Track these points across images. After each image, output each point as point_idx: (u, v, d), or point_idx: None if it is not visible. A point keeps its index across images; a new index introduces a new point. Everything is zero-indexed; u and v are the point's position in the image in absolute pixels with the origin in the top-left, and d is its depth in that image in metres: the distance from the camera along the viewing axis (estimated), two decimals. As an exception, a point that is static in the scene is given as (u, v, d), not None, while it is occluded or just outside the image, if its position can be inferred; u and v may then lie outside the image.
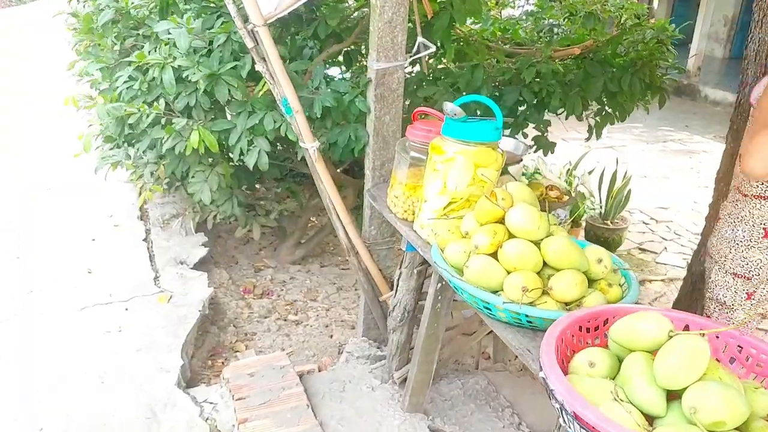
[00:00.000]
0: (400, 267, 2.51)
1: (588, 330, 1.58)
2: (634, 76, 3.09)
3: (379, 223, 2.82)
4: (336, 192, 2.76)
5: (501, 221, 1.78)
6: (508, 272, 1.71)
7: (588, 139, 3.55)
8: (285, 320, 3.41)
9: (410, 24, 2.71)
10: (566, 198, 2.64)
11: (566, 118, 3.37)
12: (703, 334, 1.40)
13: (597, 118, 3.41)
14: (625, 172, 4.54)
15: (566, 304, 1.70)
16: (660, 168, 6.19)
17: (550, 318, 1.64)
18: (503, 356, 2.94)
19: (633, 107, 3.32)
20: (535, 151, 3.46)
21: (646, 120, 6.69)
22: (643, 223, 4.92)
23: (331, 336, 3.28)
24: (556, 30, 3.83)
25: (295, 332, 3.31)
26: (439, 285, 2.24)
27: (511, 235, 1.75)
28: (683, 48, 8.16)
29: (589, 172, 4.81)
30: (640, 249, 4.53)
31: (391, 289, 2.80)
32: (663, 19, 3.55)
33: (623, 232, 4.37)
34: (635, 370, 1.35)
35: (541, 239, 1.73)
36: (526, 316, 1.65)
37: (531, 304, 1.67)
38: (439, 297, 2.26)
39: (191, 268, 3.59)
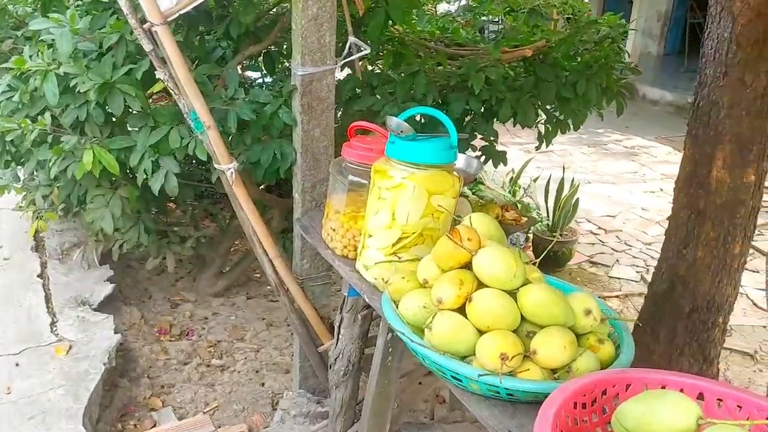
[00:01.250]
0: (341, 311, 2.12)
1: (584, 405, 1.24)
2: (590, 80, 2.80)
3: (313, 255, 2.42)
4: (260, 221, 2.34)
5: (467, 266, 1.42)
6: (480, 332, 1.35)
7: (538, 148, 3.25)
8: (208, 366, 2.95)
9: (340, 14, 2.33)
10: (524, 220, 2.32)
11: (514, 126, 3.06)
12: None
13: (548, 126, 3.11)
14: (572, 180, 4.29)
15: (553, 370, 1.35)
16: (603, 173, 6.02)
17: (536, 391, 1.29)
18: (461, 403, 2.58)
19: (587, 114, 3.03)
20: (484, 163, 3.14)
21: (585, 121, 6.54)
22: (592, 233, 4.69)
23: (263, 384, 2.84)
24: (497, 28, 3.54)
25: (220, 381, 2.85)
26: (390, 336, 1.86)
27: (480, 284, 1.39)
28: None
29: (534, 180, 4.55)
30: (591, 262, 4.28)
31: (331, 334, 2.41)
32: (611, 15, 3.26)
33: (573, 244, 4.10)
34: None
35: (517, 288, 1.38)
36: (506, 388, 1.29)
37: (511, 373, 1.31)
38: (390, 349, 1.88)
39: (95, 310, 3.09)
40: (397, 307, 1.47)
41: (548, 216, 4.21)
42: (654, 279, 2.88)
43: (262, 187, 3.06)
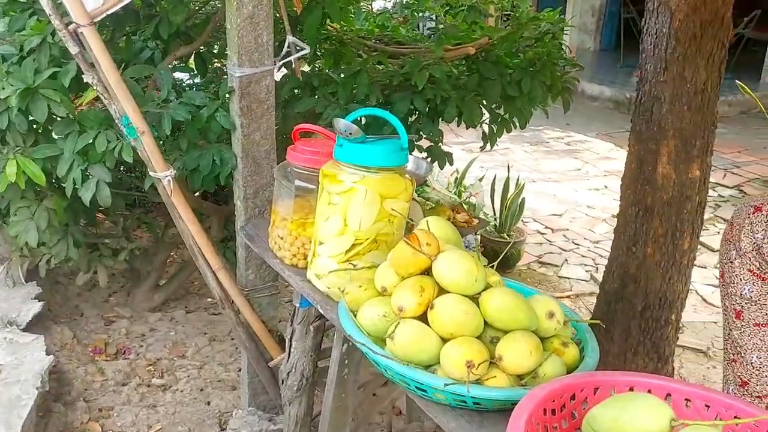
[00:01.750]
0: (292, 323, 2.02)
1: (554, 411, 1.20)
2: (535, 78, 2.79)
3: (258, 265, 2.31)
4: (201, 231, 2.22)
5: (426, 271, 1.35)
6: (443, 339, 1.29)
7: (483, 148, 3.23)
8: (148, 386, 2.79)
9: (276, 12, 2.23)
10: (476, 222, 2.28)
11: (458, 126, 3.02)
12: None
13: (492, 126, 3.08)
14: (518, 179, 4.29)
15: (519, 376, 1.31)
16: (547, 171, 6.06)
17: (504, 399, 1.24)
18: (419, 412, 2.52)
19: (531, 112, 3.02)
20: (432, 162, 3.09)
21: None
22: (539, 233, 4.70)
23: (209, 402, 2.70)
24: (433, 25, 3.50)
25: (162, 401, 2.70)
26: (345, 347, 1.77)
27: (441, 290, 1.33)
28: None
29: (479, 180, 4.54)
30: (539, 263, 4.28)
31: (281, 348, 2.31)
32: (551, 11, 3.26)
33: (521, 245, 4.10)
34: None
35: (479, 293, 1.32)
36: (473, 397, 1.23)
37: (477, 381, 1.26)
38: (346, 361, 1.79)
39: (23, 330, 2.87)
40: (355, 317, 1.40)
41: (495, 216, 4.21)
42: (605, 278, 2.88)
43: (197, 194, 2.93)
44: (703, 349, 3.48)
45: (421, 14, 3.35)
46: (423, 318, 1.31)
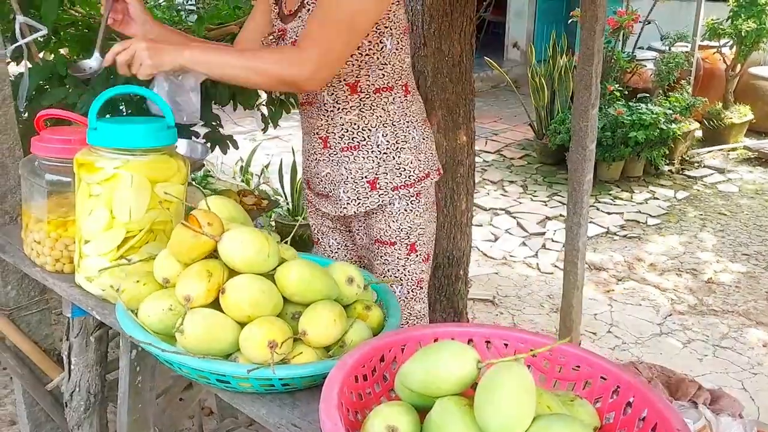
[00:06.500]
0: (68, 337, 1.77)
1: (365, 377, 1.16)
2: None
3: (19, 279, 2.00)
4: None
5: (213, 255, 1.24)
6: (241, 324, 1.19)
7: (265, 130, 3.12)
8: None
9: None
10: (265, 203, 2.19)
11: (235, 109, 2.88)
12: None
13: (271, 107, 2.98)
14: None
15: (326, 348, 1.25)
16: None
17: (314, 374, 1.17)
18: (231, 410, 2.38)
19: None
20: (211, 150, 2.91)
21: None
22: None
23: (-19, 447, 2.33)
24: (194, 8, 3.30)
25: None
26: (134, 352, 1.59)
27: (231, 272, 1.22)
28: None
29: (266, 167, 4.42)
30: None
31: (61, 367, 2.03)
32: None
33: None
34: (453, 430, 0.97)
35: (273, 269, 1.24)
36: (281, 379, 1.15)
37: (283, 361, 1.18)
38: (138, 368, 1.61)
39: None
40: (137, 316, 1.24)
41: (287, 200, 4.13)
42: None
43: None
44: (490, 299, 3.77)
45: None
46: (216, 305, 1.19)
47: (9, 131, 1.91)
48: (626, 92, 5.56)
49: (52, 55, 2.56)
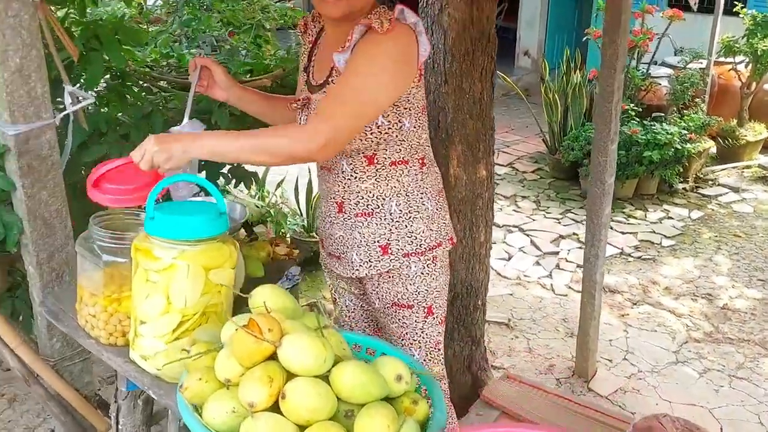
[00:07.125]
0: (116, 399, 1.85)
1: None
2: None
3: (65, 333, 2.08)
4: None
5: (272, 357, 1.30)
6: (300, 426, 1.25)
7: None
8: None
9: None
10: (296, 252, 2.26)
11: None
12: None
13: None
14: (320, 179, 4.30)
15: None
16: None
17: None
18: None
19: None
20: (236, 186, 2.98)
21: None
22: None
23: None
24: (217, 44, 3.34)
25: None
26: (182, 422, 1.66)
27: (289, 374, 1.29)
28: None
29: (279, 184, 4.49)
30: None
31: (101, 412, 2.12)
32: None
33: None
34: None
35: (329, 371, 1.30)
36: (339, 483, 1.22)
37: (338, 464, 1.25)
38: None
39: None
40: (199, 413, 1.31)
41: (303, 216, 4.19)
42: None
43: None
44: (505, 321, 3.81)
45: (204, 33, 3.18)
46: (275, 408, 1.26)
47: (57, 195, 1.98)
48: (641, 110, 5.58)
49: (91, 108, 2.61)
